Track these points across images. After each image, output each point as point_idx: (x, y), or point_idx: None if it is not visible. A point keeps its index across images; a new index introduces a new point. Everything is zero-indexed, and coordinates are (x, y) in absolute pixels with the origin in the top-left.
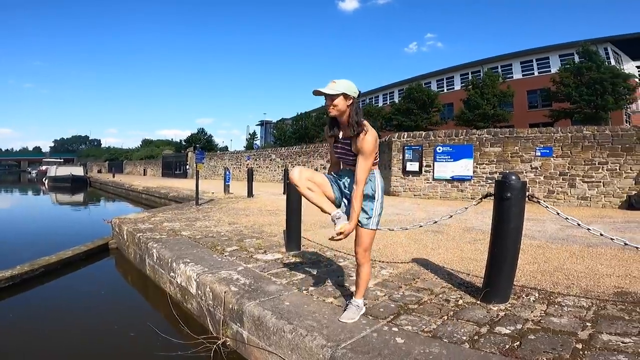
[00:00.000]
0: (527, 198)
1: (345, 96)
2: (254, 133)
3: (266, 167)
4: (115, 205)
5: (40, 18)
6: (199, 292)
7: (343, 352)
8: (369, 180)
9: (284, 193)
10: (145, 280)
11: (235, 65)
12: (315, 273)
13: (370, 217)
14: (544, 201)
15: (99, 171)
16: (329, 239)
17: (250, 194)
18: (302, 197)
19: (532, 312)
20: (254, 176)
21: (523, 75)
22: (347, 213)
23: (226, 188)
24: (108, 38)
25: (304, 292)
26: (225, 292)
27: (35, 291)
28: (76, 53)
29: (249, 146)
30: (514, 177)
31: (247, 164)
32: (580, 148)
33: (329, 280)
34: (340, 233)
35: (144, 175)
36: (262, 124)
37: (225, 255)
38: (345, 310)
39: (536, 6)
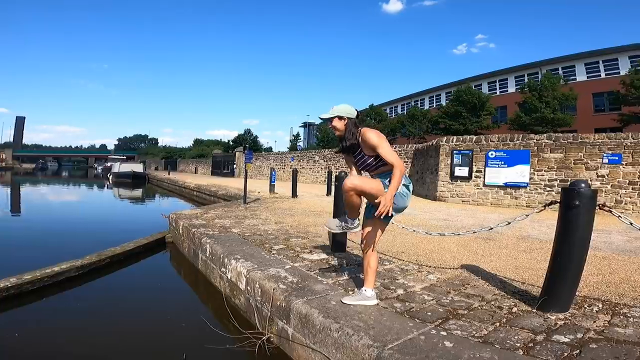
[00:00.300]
0: (597, 207)
1: (340, 118)
2: (297, 134)
3: (309, 169)
4: (169, 201)
5: (112, 20)
6: (248, 288)
7: (390, 353)
8: (387, 179)
9: (327, 194)
10: (197, 274)
11: (281, 67)
12: (360, 275)
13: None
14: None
15: (156, 168)
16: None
17: (294, 194)
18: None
19: (594, 322)
20: (297, 177)
21: (588, 78)
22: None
23: (271, 188)
24: (166, 40)
25: (350, 292)
26: (274, 289)
27: (102, 280)
28: (137, 56)
29: (293, 147)
30: (583, 185)
31: (291, 165)
32: None
33: (375, 282)
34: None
35: (195, 173)
36: (306, 125)
37: (273, 253)
38: (352, 293)
39: (596, 6)
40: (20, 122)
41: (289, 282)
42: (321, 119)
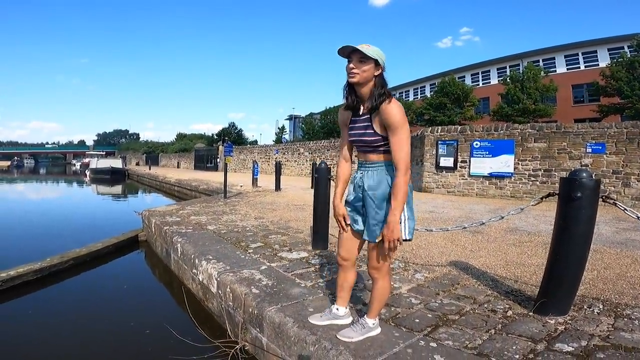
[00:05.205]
0: (600, 199)
1: (377, 64)
2: (283, 127)
3: (294, 161)
4: (149, 197)
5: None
6: (220, 292)
7: None
8: (387, 174)
9: (311, 187)
10: (170, 275)
11: (266, 61)
12: None
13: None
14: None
15: (137, 163)
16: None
17: (277, 187)
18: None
19: (597, 326)
20: (282, 170)
21: (568, 69)
22: (365, 227)
23: (254, 181)
24: (147, 33)
25: (330, 297)
26: (245, 294)
27: (63, 284)
28: (118, 50)
29: (278, 140)
30: (585, 174)
31: (276, 158)
32: (637, 144)
33: (358, 284)
34: (386, 241)
35: (178, 167)
36: (291, 118)
37: (249, 253)
38: (350, 325)
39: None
40: None
41: (263, 286)
42: (352, 48)
